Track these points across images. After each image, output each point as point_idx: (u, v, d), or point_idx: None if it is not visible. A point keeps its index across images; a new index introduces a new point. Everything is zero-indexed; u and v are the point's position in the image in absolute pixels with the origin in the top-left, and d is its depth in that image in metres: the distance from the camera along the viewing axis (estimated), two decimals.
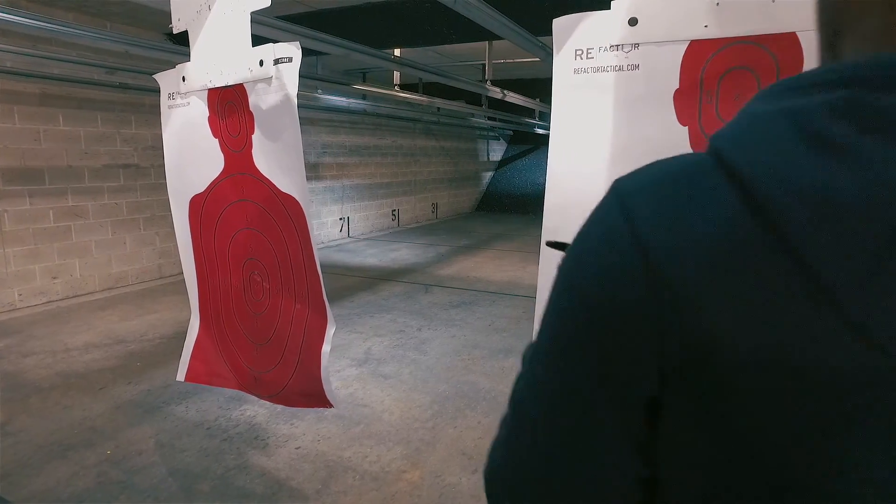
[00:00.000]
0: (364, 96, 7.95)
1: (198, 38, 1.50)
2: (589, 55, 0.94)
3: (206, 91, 1.52)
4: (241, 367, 1.76)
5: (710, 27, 0.83)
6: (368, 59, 4.62)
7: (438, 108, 9.19)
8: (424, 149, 11.73)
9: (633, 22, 0.89)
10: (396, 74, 6.55)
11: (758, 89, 0.81)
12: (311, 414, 3.16)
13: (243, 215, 1.54)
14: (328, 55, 5.14)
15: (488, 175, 14.64)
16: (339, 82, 6.02)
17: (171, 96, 1.62)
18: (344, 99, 7.56)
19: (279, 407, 3.27)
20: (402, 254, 8.15)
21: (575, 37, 0.95)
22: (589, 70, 0.94)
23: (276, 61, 1.30)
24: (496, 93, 6.13)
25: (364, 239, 9.55)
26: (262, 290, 1.55)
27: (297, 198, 1.41)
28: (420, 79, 7.80)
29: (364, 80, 8.51)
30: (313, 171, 8.85)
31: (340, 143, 9.39)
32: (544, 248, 1.05)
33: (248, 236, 1.54)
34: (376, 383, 3.62)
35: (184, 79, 1.56)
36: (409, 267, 7.26)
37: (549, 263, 1.05)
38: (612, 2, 0.91)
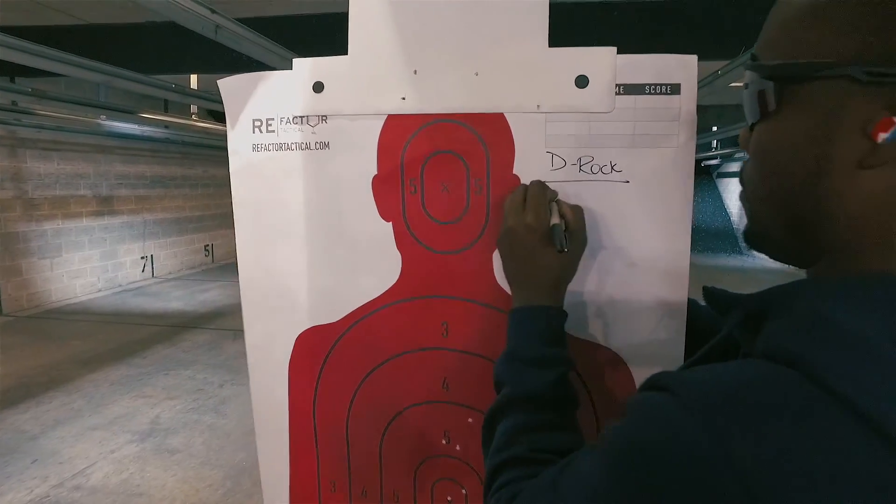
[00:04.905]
0: (167, 126, 7.17)
1: None
2: (269, 128, 0.75)
3: None
4: None
5: (409, 100, 0.70)
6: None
7: None
8: None
9: (318, 88, 0.72)
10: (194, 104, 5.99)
11: (467, 178, 0.69)
12: None
13: None
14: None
15: None
16: (125, 111, 5.31)
17: None
18: (137, 126, 6.73)
19: None
20: (212, 295, 7.42)
21: (252, 104, 0.76)
22: (271, 147, 0.76)
23: None
24: None
25: (172, 279, 8.58)
26: None
27: None
28: None
29: (166, 109, 7.70)
30: (107, 205, 7.77)
31: (140, 174, 8.38)
32: (253, 363, 0.84)
33: None
34: (160, 461, 3.11)
35: None
36: (219, 310, 6.61)
37: (259, 387, 0.83)
38: (293, 60, 0.74)
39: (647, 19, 3.66)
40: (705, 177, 13.26)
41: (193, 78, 5.43)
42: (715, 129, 8.39)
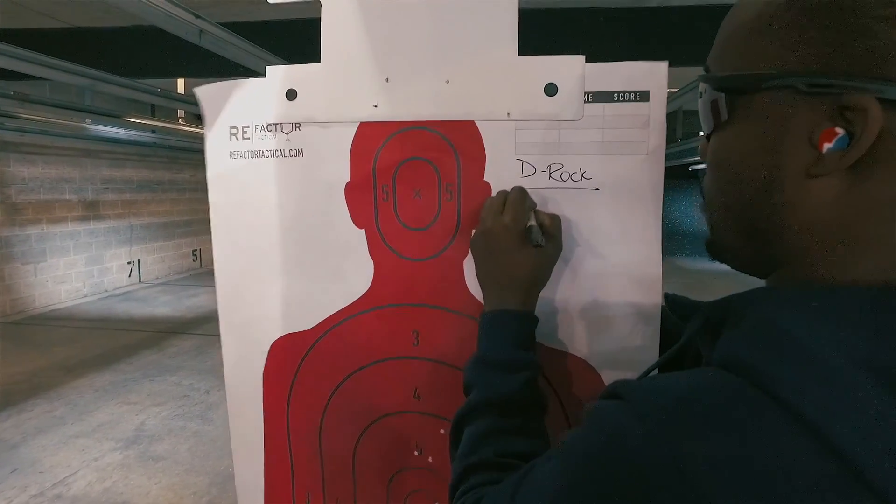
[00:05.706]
0: (154, 130, 7.12)
1: None
2: (245, 135, 0.75)
3: None
4: None
5: (381, 107, 0.70)
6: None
7: None
8: None
9: (291, 95, 0.72)
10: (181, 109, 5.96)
11: (438, 184, 0.69)
12: None
13: None
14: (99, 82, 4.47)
15: None
16: (110, 114, 5.27)
17: None
18: (123, 130, 6.67)
19: None
20: (200, 300, 7.36)
21: (228, 111, 0.76)
22: (246, 154, 0.76)
23: None
24: None
25: (159, 284, 8.50)
26: None
27: None
28: None
29: (153, 113, 7.65)
30: (92, 209, 7.69)
31: (126, 178, 8.31)
32: (230, 370, 0.85)
33: None
34: (144, 469, 3.08)
35: None
36: (207, 315, 6.55)
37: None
38: (266, 67, 0.74)
39: (640, 26, 3.70)
40: (693, 181, 13.34)
41: (180, 82, 5.40)
42: (702, 133, 8.46)
